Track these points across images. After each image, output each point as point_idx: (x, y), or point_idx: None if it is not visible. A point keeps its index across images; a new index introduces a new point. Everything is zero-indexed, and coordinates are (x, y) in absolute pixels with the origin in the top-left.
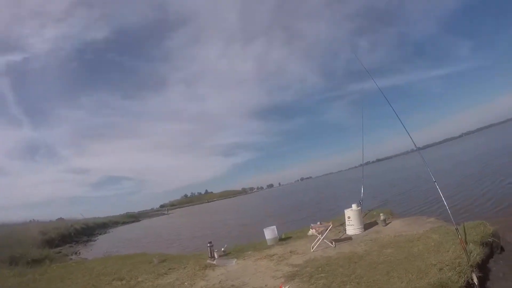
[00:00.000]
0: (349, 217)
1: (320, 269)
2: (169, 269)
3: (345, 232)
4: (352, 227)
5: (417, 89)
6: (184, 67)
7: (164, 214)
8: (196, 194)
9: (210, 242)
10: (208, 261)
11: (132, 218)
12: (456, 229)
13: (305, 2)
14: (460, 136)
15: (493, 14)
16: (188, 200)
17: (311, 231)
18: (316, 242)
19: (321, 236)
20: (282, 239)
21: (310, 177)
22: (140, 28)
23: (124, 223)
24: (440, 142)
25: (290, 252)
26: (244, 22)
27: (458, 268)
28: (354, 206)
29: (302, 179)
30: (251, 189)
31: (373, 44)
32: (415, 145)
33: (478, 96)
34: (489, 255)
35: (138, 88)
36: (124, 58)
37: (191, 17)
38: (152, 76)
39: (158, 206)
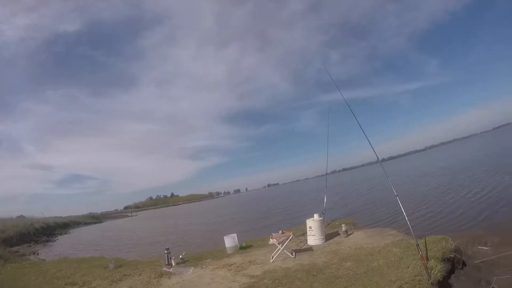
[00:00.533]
0: (310, 227)
1: (277, 281)
2: (124, 275)
3: (306, 242)
4: (313, 237)
5: (385, 102)
6: (156, 67)
7: (127, 216)
8: (162, 196)
9: (167, 249)
10: (165, 268)
11: (95, 219)
12: (417, 245)
13: (280, 11)
14: (424, 149)
15: (460, 35)
16: (153, 203)
17: (272, 241)
18: (276, 252)
19: (281, 246)
20: (242, 248)
21: (277, 184)
22: (114, 24)
23: (86, 223)
24: (405, 154)
25: (249, 261)
26: (219, 26)
27: (418, 285)
28: (316, 216)
29: (269, 185)
30: (218, 193)
31: (344, 56)
32: (377, 157)
33: (443, 111)
34: (451, 271)
35: (107, 85)
36: (95, 53)
37: (166, 16)
38: (123, 74)
39: (122, 207)
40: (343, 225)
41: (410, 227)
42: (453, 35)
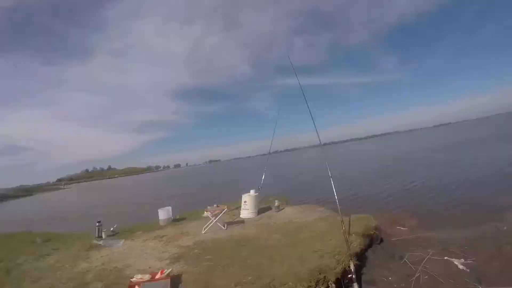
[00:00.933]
0: (245, 202)
1: (207, 250)
2: (52, 249)
3: (239, 216)
4: (247, 211)
5: (340, 91)
6: (115, 39)
7: (60, 188)
8: (98, 169)
9: (99, 221)
10: (95, 241)
11: (25, 192)
12: (341, 221)
13: None
14: (365, 138)
15: (422, 37)
16: (89, 175)
17: (206, 213)
18: (208, 224)
19: (215, 218)
20: (176, 220)
21: (219, 160)
22: None
23: (15, 197)
24: (347, 141)
25: (182, 233)
26: (186, 3)
27: (337, 256)
28: (252, 191)
29: (210, 161)
30: (157, 167)
31: (308, 44)
32: (320, 140)
33: (391, 105)
34: (369, 246)
35: (61, 55)
36: (55, 22)
37: None
38: (79, 44)
39: (55, 179)
40: (276, 200)
41: (338, 205)
42: (417, 37)
